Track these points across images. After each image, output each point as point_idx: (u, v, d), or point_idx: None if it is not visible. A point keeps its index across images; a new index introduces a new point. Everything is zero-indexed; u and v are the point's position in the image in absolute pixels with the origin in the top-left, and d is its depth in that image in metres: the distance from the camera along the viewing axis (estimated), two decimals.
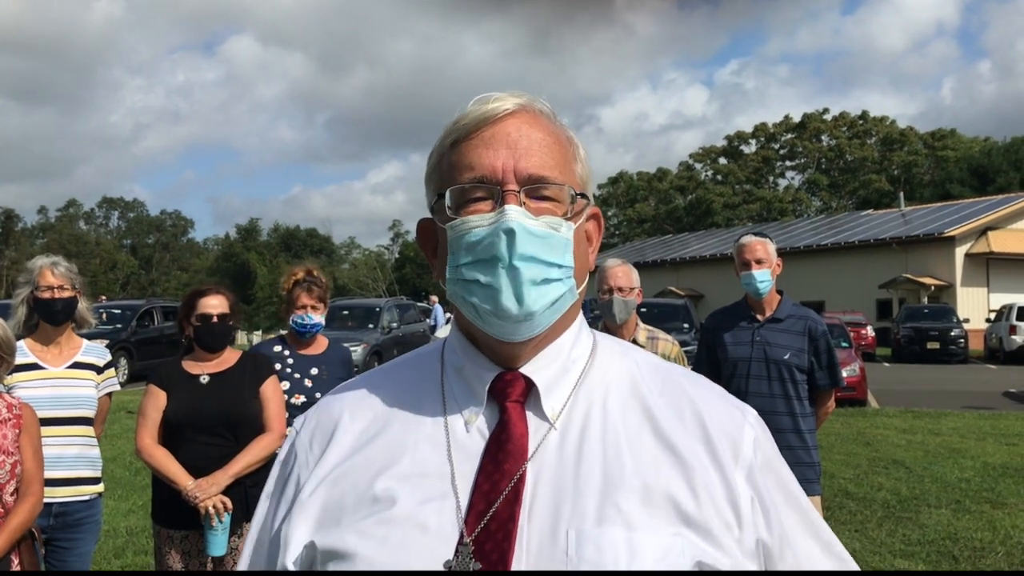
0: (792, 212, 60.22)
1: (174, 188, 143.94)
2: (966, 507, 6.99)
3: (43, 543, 3.21)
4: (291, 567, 0.97)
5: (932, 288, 31.71)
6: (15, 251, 65.57)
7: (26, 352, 3.45)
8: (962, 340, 24.23)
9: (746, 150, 66.02)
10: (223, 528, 3.27)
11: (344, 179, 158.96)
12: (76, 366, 3.57)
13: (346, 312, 19.33)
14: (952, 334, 24.14)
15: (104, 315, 17.91)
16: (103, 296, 31.08)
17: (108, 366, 3.70)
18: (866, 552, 5.74)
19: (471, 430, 0.99)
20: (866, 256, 34.67)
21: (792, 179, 65.93)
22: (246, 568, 1.06)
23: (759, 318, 3.99)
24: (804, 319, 3.97)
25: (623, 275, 3.86)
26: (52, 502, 3.28)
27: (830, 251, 36.23)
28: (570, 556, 0.89)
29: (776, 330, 3.93)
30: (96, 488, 3.58)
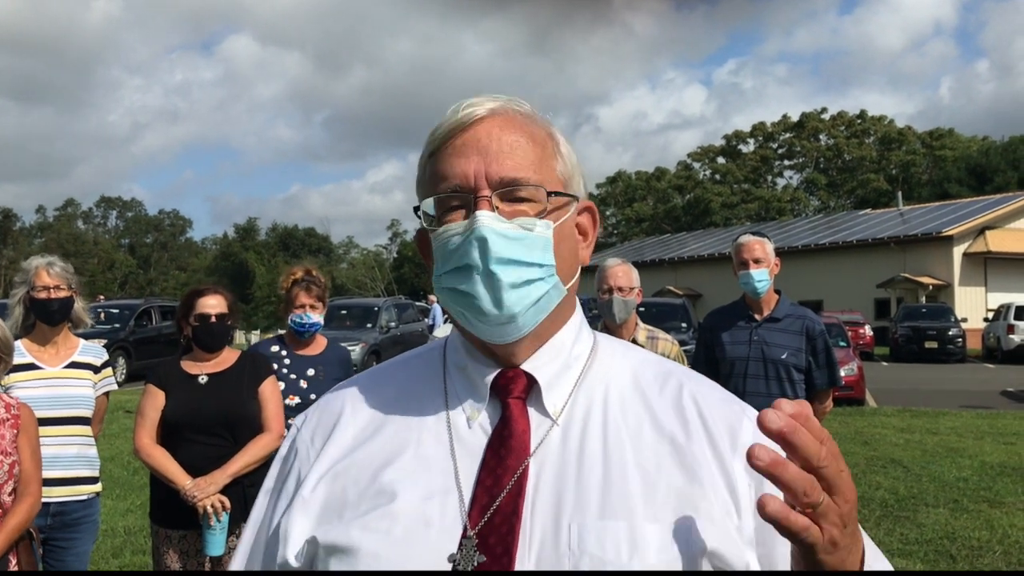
0: (790, 211, 60.27)
1: (172, 187, 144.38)
2: (964, 506, 7.00)
3: (41, 543, 3.21)
4: (292, 561, 0.97)
5: (930, 287, 31.75)
6: (13, 251, 65.46)
7: (23, 352, 3.45)
8: (960, 339, 24.25)
9: (744, 149, 66.08)
10: (221, 528, 3.27)
11: (342, 178, 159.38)
12: (73, 366, 3.57)
13: (344, 311, 19.30)
14: (950, 333, 24.16)
15: (102, 315, 17.92)
16: (101, 296, 31.03)
17: (105, 365, 3.70)
18: None
19: (473, 426, 1.00)
20: (864, 255, 34.70)
21: (790, 178, 66.10)
22: (242, 562, 1.05)
23: (757, 317, 3.99)
24: (802, 318, 3.97)
25: (623, 275, 3.86)
26: (50, 502, 3.29)
27: (828, 250, 36.25)
28: (572, 549, 0.90)
29: (774, 329, 3.93)
30: (94, 488, 3.58)
